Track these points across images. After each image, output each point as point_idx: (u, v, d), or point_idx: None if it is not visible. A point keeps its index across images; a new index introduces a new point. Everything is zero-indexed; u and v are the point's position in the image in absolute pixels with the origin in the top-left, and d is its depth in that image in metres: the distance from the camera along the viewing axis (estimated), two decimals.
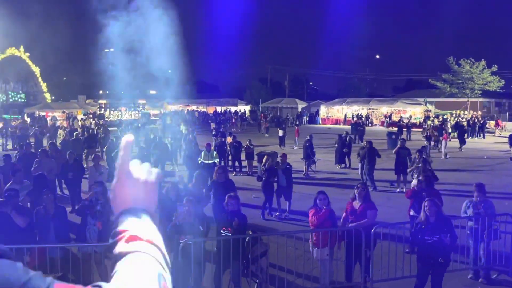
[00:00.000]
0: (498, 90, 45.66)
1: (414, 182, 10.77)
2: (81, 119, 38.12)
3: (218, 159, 14.93)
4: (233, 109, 54.06)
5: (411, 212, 8.43)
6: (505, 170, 17.86)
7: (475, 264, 7.27)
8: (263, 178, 11.43)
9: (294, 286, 6.91)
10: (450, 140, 24.16)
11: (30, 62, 56.48)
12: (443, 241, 5.85)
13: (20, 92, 58.36)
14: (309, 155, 16.64)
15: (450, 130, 29.49)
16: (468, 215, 7.34)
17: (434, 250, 5.89)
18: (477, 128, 33.45)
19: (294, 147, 24.06)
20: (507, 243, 7.39)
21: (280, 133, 25.30)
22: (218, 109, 55.18)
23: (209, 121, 47.30)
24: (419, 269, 6.19)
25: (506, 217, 7.60)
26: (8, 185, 8.68)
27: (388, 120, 42.05)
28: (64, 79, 79.79)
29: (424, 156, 12.72)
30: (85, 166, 13.79)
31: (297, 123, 42.66)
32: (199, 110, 56.07)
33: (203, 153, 13.86)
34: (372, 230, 6.70)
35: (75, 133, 20.04)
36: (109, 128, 24.87)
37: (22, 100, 56.67)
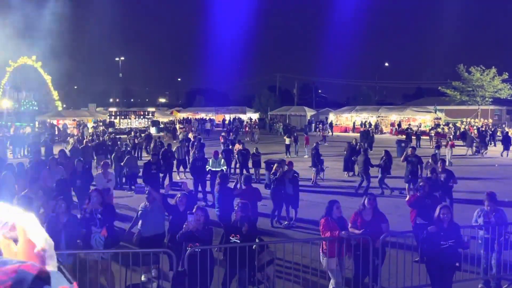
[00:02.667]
0: (509, 98, 45.19)
1: None
2: (92, 127, 38.47)
3: (226, 167, 14.92)
4: (242, 117, 54.01)
5: (418, 220, 7.97)
6: None
7: (486, 274, 7.15)
8: (272, 187, 11.37)
9: None
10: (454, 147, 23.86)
11: (42, 71, 57.25)
12: (462, 245, 6.06)
13: (32, 100, 59.18)
14: (316, 163, 16.61)
15: (451, 136, 29.35)
16: (479, 224, 7.23)
17: (448, 255, 5.97)
18: (488, 136, 33.03)
19: (305, 156, 23.96)
20: None
21: (287, 141, 25.21)
22: (227, 117, 55.25)
23: (216, 127, 47.21)
24: (434, 274, 6.14)
25: None
26: (23, 193, 8.76)
27: (397, 128, 41.73)
28: (75, 87, 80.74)
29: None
30: (94, 173, 13.84)
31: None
32: (207, 118, 56.17)
33: (210, 160, 13.85)
34: (381, 239, 6.62)
35: (84, 141, 20.19)
36: (118, 136, 25.03)
37: (34, 108, 57.42)
